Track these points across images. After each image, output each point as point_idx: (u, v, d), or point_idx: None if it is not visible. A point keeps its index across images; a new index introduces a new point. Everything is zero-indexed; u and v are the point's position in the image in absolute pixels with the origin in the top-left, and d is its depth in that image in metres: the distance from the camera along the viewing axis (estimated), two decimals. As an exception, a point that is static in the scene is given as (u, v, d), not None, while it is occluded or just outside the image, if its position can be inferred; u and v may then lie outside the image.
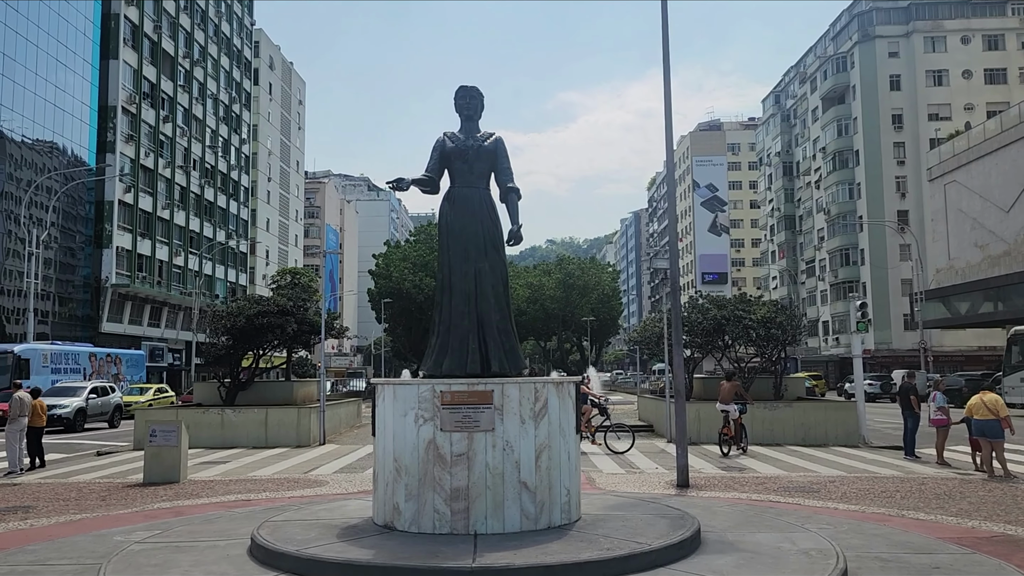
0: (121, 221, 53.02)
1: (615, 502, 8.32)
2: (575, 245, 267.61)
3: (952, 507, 10.77)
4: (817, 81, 75.45)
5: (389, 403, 7.06)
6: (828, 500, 11.40)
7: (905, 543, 7.57)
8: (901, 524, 9.20)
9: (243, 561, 6.33)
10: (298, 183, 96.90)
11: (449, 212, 7.84)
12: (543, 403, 6.96)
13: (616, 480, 13.81)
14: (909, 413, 16.87)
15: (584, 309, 54.46)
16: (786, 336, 22.51)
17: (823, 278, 73.83)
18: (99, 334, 50.41)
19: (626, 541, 6.26)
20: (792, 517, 8.79)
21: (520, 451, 6.82)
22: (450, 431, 6.78)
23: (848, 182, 69.63)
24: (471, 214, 7.74)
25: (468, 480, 6.71)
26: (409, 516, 6.82)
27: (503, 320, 7.59)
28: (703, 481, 13.48)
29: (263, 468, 16.27)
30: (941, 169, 49.65)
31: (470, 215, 7.74)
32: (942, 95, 66.15)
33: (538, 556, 5.80)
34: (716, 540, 6.93)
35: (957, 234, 47.78)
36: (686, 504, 9.19)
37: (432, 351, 7.63)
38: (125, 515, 10.49)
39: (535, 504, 6.83)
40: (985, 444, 13.78)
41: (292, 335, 23.59)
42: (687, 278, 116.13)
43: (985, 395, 13.75)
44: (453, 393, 6.82)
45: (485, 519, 6.70)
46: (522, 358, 7.76)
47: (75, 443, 22.87)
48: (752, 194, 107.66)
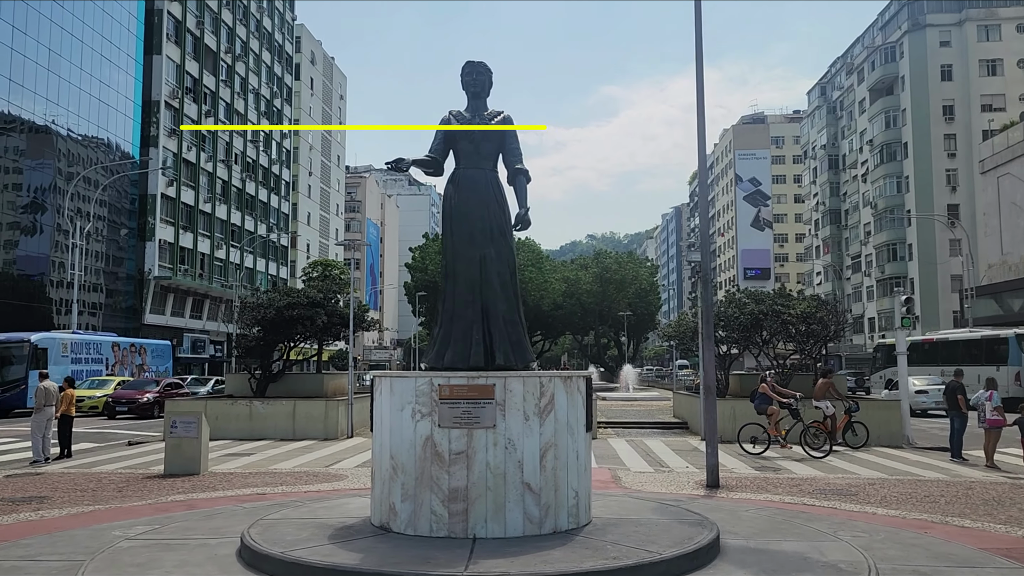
0: (164, 214, 53.76)
1: (632, 505, 7.84)
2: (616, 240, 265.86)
3: (1001, 514, 10.07)
4: (865, 72, 73.43)
5: (386, 397, 6.67)
6: (866, 504, 10.77)
7: (947, 555, 6.98)
8: (944, 533, 8.57)
9: (229, 562, 6.02)
10: (339, 178, 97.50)
11: (454, 195, 7.40)
12: (549, 399, 6.51)
13: (643, 479, 13.30)
14: (956, 413, 16.06)
15: (621, 304, 53.71)
16: (827, 332, 21.71)
17: (869, 274, 71.94)
18: (143, 326, 51.26)
19: (636, 549, 5.79)
20: (824, 523, 8.22)
21: (523, 450, 6.39)
22: (449, 427, 6.37)
23: (896, 175, 67.67)
24: (477, 197, 7.30)
25: (467, 480, 6.30)
26: (405, 517, 6.44)
27: (510, 310, 7.14)
28: (734, 482, 12.91)
29: (286, 461, 16.09)
30: (994, 161, 47.82)
31: (476, 198, 7.30)
32: (996, 85, 63.86)
33: (537, 565, 5.36)
34: (738, 548, 6.43)
35: (1011, 228, 45.99)
36: (711, 508, 8.68)
37: (435, 342, 7.22)
38: (137, 508, 10.32)
39: (539, 507, 6.39)
40: None
41: (322, 327, 23.44)
42: (729, 273, 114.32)
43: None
44: (452, 387, 6.41)
45: (485, 522, 6.28)
46: (530, 351, 7.29)
47: (110, 432, 23.07)
48: (796, 188, 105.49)
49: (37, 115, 43.68)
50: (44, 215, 44.06)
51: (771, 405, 17.17)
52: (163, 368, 43.51)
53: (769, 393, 17.38)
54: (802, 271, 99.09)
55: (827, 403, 17.24)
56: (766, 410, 17.23)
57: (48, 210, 44.23)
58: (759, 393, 17.63)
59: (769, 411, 17.15)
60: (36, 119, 43.66)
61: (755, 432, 16.76)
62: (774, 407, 17.14)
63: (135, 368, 39.76)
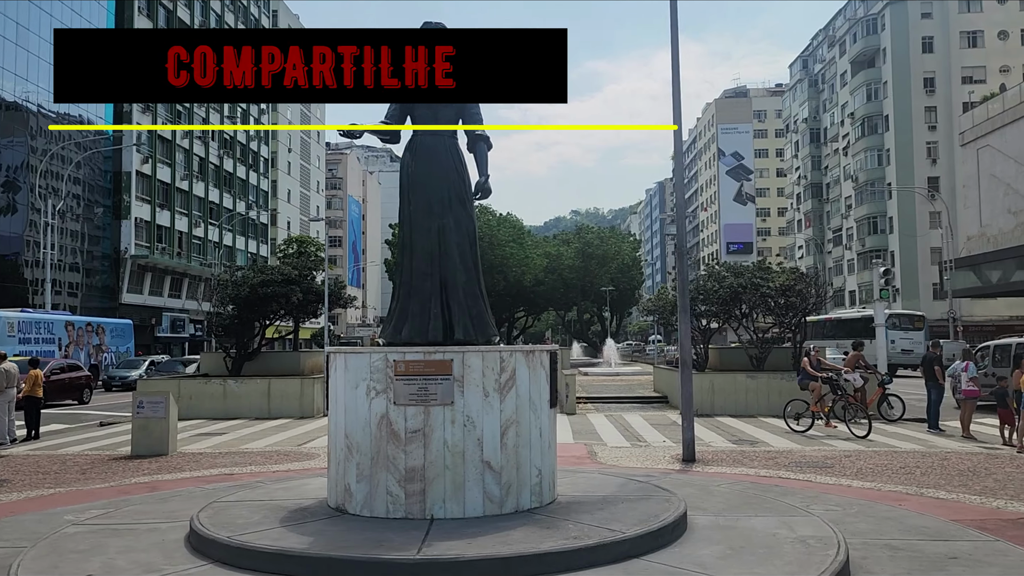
0: (139, 192, 52.90)
1: (601, 481, 7.65)
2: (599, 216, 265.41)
3: (976, 485, 10.01)
4: (846, 44, 73.17)
5: (340, 374, 6.40)
6: (841, 477, 10.68)
7: (920, 528, 6.84)
8: (918, 505, 8.47)
9: (175, 548, 5.77)
10: (319, 154, 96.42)
11: (411, 163, 7.08)
12: (510, 374, 6.27)
13: (619, 454, 13.17)
14: (933, 384, 16.04)
15: (603, 279, 53.53)
16: (805, 305, 21.62)
17: (850, 247, 72.18)
18: (120, 305, 50.60)
19: (599, 528, 5.58)
20: (797, 497, 8.08)
21: (483, 427, 6.15)
22: (404, 405, 6.12)
23: (877, 148, 67.69)
24: (435, 165, 6.99)
25: (424, 459, 6.05)
26: (361, 498, 6.20)
27: (470, 282, 6.86)
28: (711, 455, 12.80)
29: (259, 440, 15.85)
30: (974, 133, 47.80)
31: (434, 166, 6.98)
32: (977, 57, 63.81)
33: (494, 546, 5.15)
34: (706, 525, 6.25)
35: (990, 200, 46.11)
36: (682, 483, 8.52)
37: (392, 317, 6.94)
38: (98, 491, 10.06)
39: (500, 486, 6.17)
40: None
41: (298, 305, 23.11)
42: (712, 248, 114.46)
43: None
44: (408, 363, 6.14)
45: (443, 502, 6.06)
46: (491, 324, 7.02)
47: (84, 414, 22.70)
48: (779, 162, 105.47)
49: (7, 92, 42.69)
50: (19, 194, 43.18)
51: (813, 381, 16.50)
52: (124, 348, 41.73)
53: (809, 369, 16.73)
54: (784, 245, 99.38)
55: (857, 375, 16.90)
56: (808, 386, 16.65)
57: (22, 189, 43.35)
58: (801, 368, 17.13)
59: (811, 387, 16.52)
60: (6, 96, 42.67)
61: (799, 408, 16.29)
62: (816, 383, 16.46)
63: (92, 348, 38.06)
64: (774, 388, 19.66)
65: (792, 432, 15.81)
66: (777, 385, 19.71)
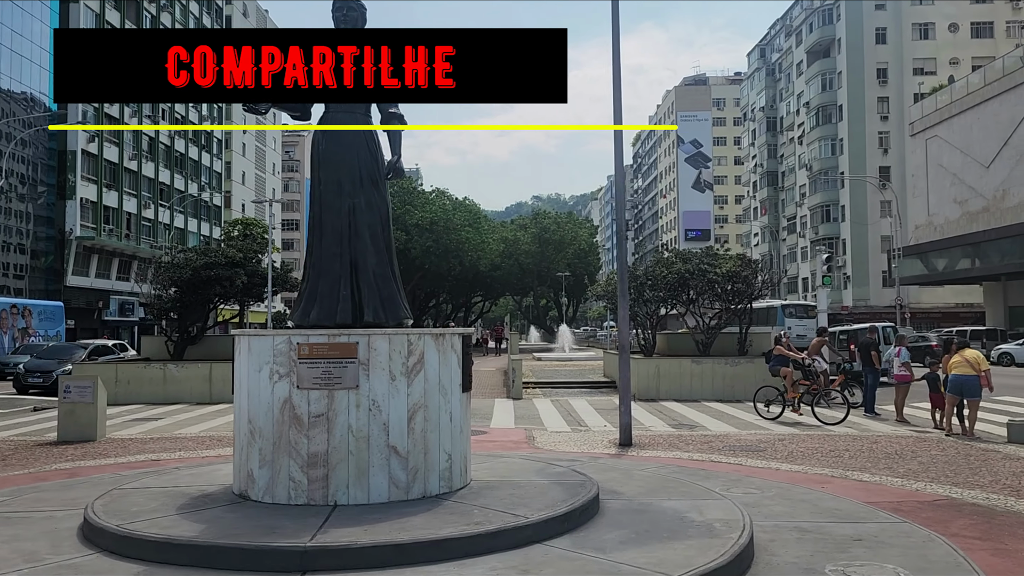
0: (85, 172, 51.48)
1: (521, 466, 7.57)
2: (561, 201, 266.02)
3: (901, 467, 10.18)
4: (803, 34, 73.93)
5: (244, 357, 6.21)
6: (772, 460, 10.79)
7: (833, 510, 6.90)
8: (840, 487, 8.56)
9: (67, 537, 5.55)
10: (275, 136, 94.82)
11: (321, 139, 6.85)
12: (418, 357, 6.13)
13: (558, 439, 13.15)
14: (869, 369, 16.28)
15: (560, 265, 53.60)
16: (751, 291, 21.83)
17: (804, 235, 73.25)
18: (64, 287, 49.33)
19: (504, 513, 5.50)
20: (719, 481, 8.11)
21: (389, 412, 6.01)
22: (308, 389, 5.95)
23: (831, 138, 68.64)
24: (347, 143, 6.78)
25: (328, 445, 5.90)
26: (263, 485, 6.04)
27: (381, 264, 6.68)
28: (648, 440, 12.84)
29: (195, 425, 15.54)
30: (923, 124, 48.79)
31: (346, 144, 6.76)
32: (928, 49, 64.95)
33: (391, 533, 5.03)
34: (619, 509, 6.21)
35: (937, 190, 47.11)
36: (607, 467, 8.49)
37: (301, 298, 6.76)
38: (12, 477, 9.71)
39: (406, 471, 6.05)
40: (950, 401, 13.19)
41: (242, 288, 22.68)
42: (671, 234, 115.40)
43: (966, 351, 13.07)
44: (311, 346, 5.98)
45: (347, 488, 5.92)
46: (403, 307, 6.87)
47: (19, 399, 22.07)
48: (737, 150, 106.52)
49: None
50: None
51: (785, 367, 16.10)
52: (54, 332, 39.68)
53: (786, 353, 16.40)
54: (741, 232, 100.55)
55: (821, 360, 16.72)
56: (779, 371, 16.26)
57: (-38, 167, 41.88)
58: (774, 354, 16.77)
59: (783, 372, 16.11)
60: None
61: (770, 395, 15.93)
62: (788, 368, 16.06)
63: (17, 332, 36.23)
64: (718, 373, 19.86)
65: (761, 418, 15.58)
66: (721, 370, 19.92)
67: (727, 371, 19.90)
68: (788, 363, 16.19)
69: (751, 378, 19.74)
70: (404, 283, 7.64)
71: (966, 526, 6.97)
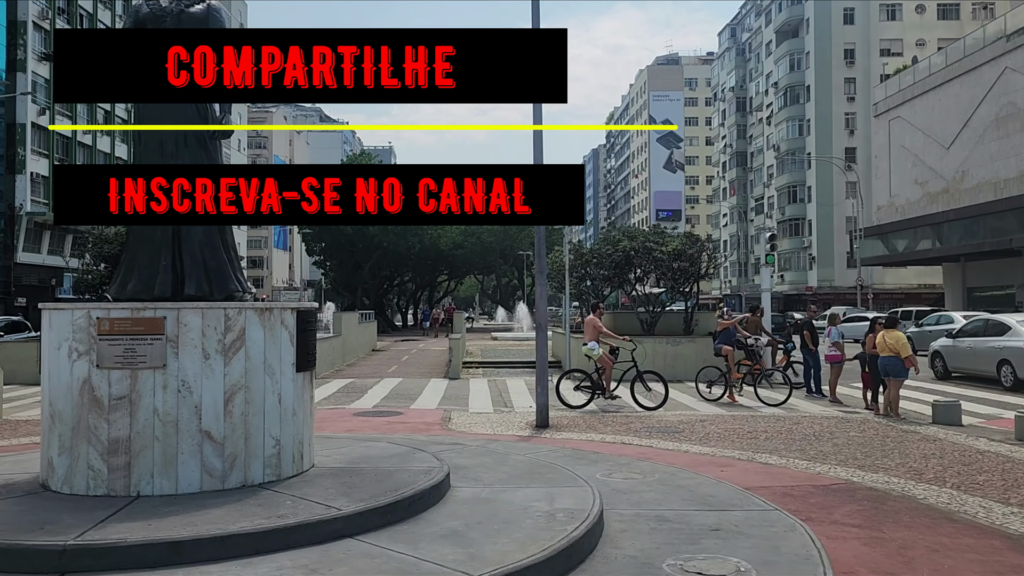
0: (35, 145, 50.03)
1: (381, 451, 7.06)
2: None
3: (812, 449, 9.85)
4: (772, 14, 73.58)
5: (46, 333, 5.65)
6: (685, 442, 10.41)
7: (707, 497, 6.48)
8: (740, 471, 8.20)
9: None
10: (241, 111, 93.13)
11: None
12: (238, 334, 5.60)
13: (475, 420, 12.70)
14: (806, 351, 15.96)
15: (524, 244, 53.10)
16: (697, 270, 21.50)
17: (771, 215, 73.27)
18: (15, 264, 48.06)
19: (319, 505, 5.00)
20: (606, 465, 7.69)
21: (202, 393, 5.49)
22: (109, 368, 5.41)
23: (798, 118, 68.53)
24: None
25: (130, 430, 5.38)
26: (62, 473, 5.51)
27: (209, 233, 6.10)
28: (567, 421, 12.43)
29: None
30: (886, 104, 48.66)
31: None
32: (895, 30, 64.82)
33: (176, 528, 4.50)
34: (465, 499, 5.74)
35: (899, 171, 47.10)
36: (488, 451, 8.01)
37: (120, 269, 6.19)
38: None
39: (222, 459, 5.53)
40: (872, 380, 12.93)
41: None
42: (642, 215, 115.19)
43: (888, 334, 12.75)
44: (112, 320, 5.42)
45: (152, 478, 5.40)
46: (234, 280, 6.27)
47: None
48: (707, 131, 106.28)
49: None
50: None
51: (727, 346, 15.21)
52: None
53: (738, 328, 15.59)
54: (712, 213, 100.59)
55: (761, 339, 16.24)
56: (721, 351, 15.35)
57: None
58: (719, 331, 15.87)
59: (724, 351, 15.21)
60: None
61: (712, 375, 15.15)
62: (728, 347, 15.19)
63: None
64: (659, 352, 19.49)
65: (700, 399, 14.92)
66: (663, 349, 19.57)
67: (668, 350, 19.56)
68: (732, 340, 15.54)
69: (693, 358, 19.43)
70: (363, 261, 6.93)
71: (851, 512, 6.62)
